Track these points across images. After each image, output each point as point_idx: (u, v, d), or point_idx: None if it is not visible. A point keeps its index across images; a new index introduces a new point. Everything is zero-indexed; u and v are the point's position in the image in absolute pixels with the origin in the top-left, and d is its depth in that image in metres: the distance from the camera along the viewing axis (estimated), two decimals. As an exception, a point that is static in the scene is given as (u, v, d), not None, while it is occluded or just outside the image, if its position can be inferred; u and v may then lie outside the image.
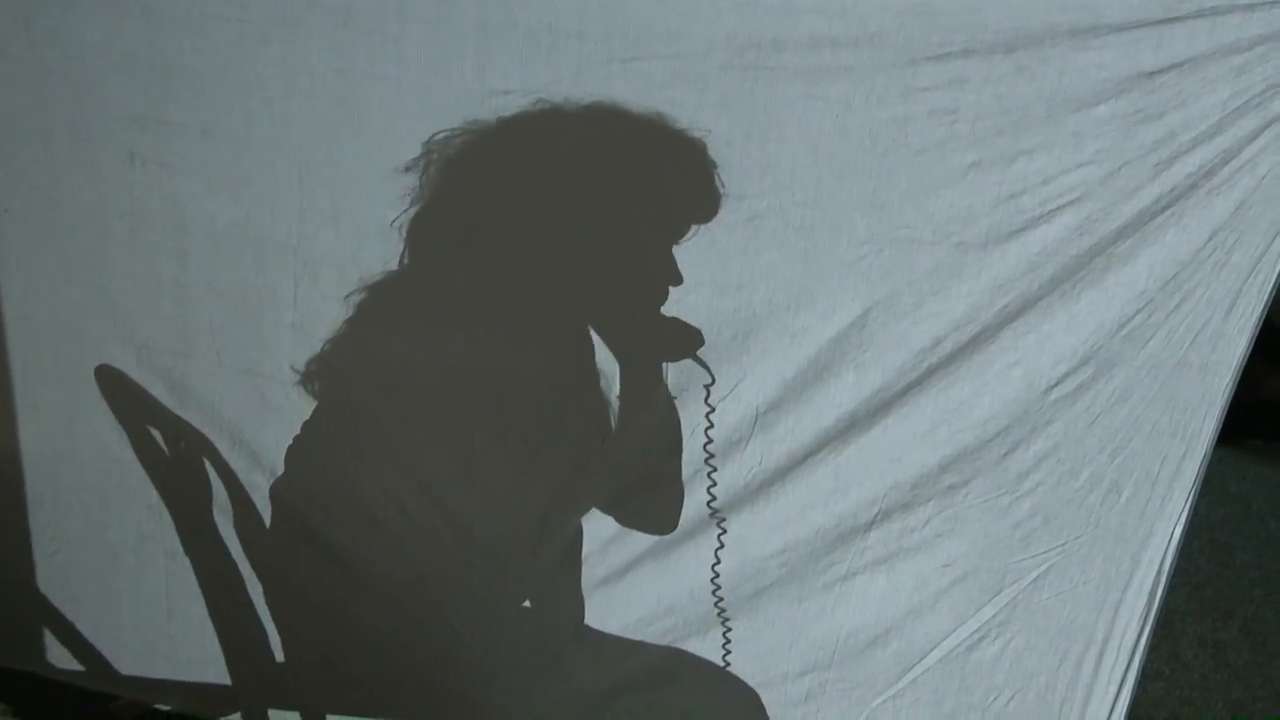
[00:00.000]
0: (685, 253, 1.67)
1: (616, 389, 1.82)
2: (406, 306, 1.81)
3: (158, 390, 1.94)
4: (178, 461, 2.00)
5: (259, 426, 1.93)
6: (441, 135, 1.65)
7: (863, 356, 1.70)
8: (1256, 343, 1.64)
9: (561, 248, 1.73)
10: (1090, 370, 1.67)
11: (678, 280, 1.70)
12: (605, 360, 1.81)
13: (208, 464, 1.98)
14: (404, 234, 1.73)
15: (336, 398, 1.89)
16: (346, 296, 1.79)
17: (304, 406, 1.90)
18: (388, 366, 1.85)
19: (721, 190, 1.62)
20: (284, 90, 1.66)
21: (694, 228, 1.66)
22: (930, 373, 1.70)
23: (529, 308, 1.78)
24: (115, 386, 1.95)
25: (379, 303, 1.80)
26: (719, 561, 1.91)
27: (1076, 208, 1.56)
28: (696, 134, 1.59)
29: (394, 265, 1.76)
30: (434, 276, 1.79)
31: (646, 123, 1.59)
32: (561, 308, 1.79)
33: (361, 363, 1.86)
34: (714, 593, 1.93)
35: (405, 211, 1.71)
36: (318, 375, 1.87)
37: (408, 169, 1.68)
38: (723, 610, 1.96)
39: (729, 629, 1.96)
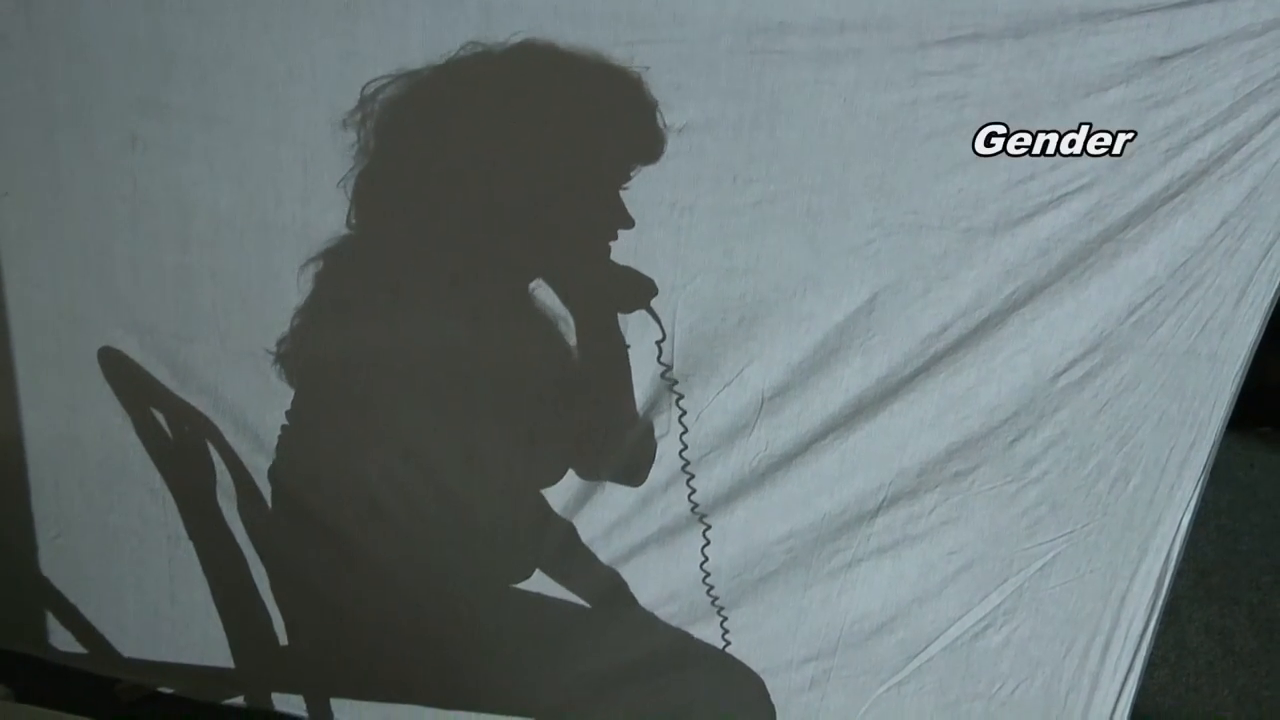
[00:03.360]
0: (691, 238, 1.66)
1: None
2: (364, 274, 1.81)
3: (161, 374, 1.93)
4: (181, 445, 1.99)
5: (262, 410, 1.93)
6: (374, 86, 1.64)
7: (869, 342, 1.69)
8: (1266, 330, 1.62)
9: (506, 197, 1.71)
10: (1099, 358, 1.66)
11: (628, 223, 1.68)
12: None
13: (211, 448, 1.98)
14: (349, 193, 1.72)
15: (315, 379, 1.89)
16: (303, 267, 1.79)
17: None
18: (358, 342, 1.85)
19: (664, 128, 1.60)
20: (287, 75, 1.65)
21: (638, 169, 1.64)
22: (937, 359, 1.69)
23: (484, 267, 1.77)
24: (118, 370, 1.95)
25: (336, 271, 1.79)
26: (708, 543, 1.91)
27: (1086, 194, 1.55)
28: (634, 70, 1.57)
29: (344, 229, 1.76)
30: (383, 235, 1.78)
31: (581, 60, 1.57)
32: (514, 263, 1.78)
33: (332, 339, 1.86)
34: (704, 580, 1.94)
35: (351, 170, 1.71)
36: (291, 356, 1.86)
37: (345, 125, 1.67)
38: (716, 599, 1.95)
39: (725, 618, 1.96)
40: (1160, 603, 1.83)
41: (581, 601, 2.00)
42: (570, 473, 1.90)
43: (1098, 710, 1.93)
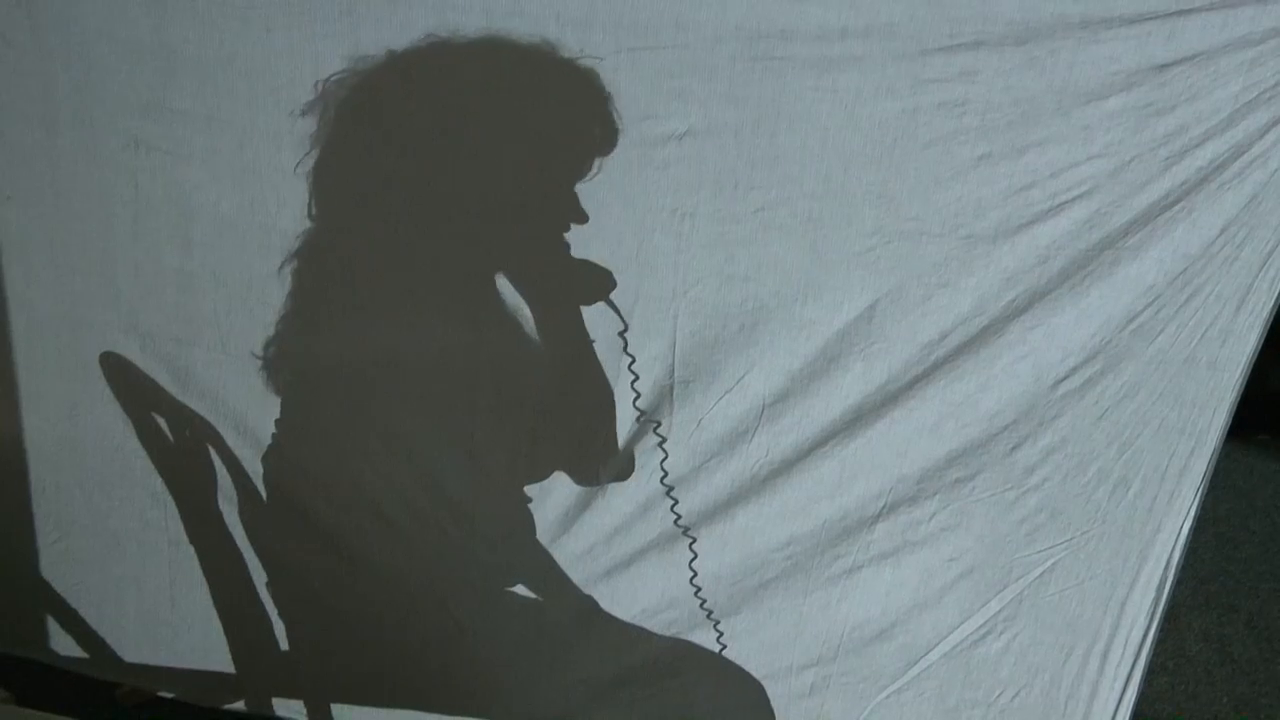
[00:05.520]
0: (692, 244, 1.66)
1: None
2: (337, 273, 1.81)
3: (162, 378, 1.93)
4: (182, 449, 1.99)
5: (263, 414, 1.93)
6: (335, 77, 1.64)
7: (870, 349, 1.69)
8: (1265, 338, 1.63)
9: (464, 189, 1.72)
10: (1099, 365, 1.66)
11: (582, 218, 1.68)
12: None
13: (212, 451, 1.98)
14: (309, 182, 1.73)
15: (304, 383, 1.90)
16: (279, 269, 1.79)
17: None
18: (341, 343, 1.85)
19: (618, 121, 1.60)
20: (289, 78, 1.65)
21: (596, 162, 1.64)
22: (937, 366, 1.69)
23: (449, 263, 1.78)
24: (119, 374, 1.95)
25: (311, 272, 1.80)
26: (695, 556, 1.92)
27: (1086, 201, 1.55)
28: (587, 62, 1.57)
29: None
30: (348, 230, 1.78)
31: (536, 52, 1.57)
32: (477, 258, 1.78)
33: (316, 341, 1.86)
34: (696, 593, 1.94)
35: (305, 157, 1.71)
36: (278, 360, 1.87)
37: (304, 113, 1.67)
38: (709, 611, 1.96)
39: (718, 624, 1.96)
40: (1160, 610, 1.83)
41: (579, 605, 2.00)
42: (566, 483, 1.91)
43: (1097, 717, 1.92)
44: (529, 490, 1.92)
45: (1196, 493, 1.74)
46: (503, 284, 1.77)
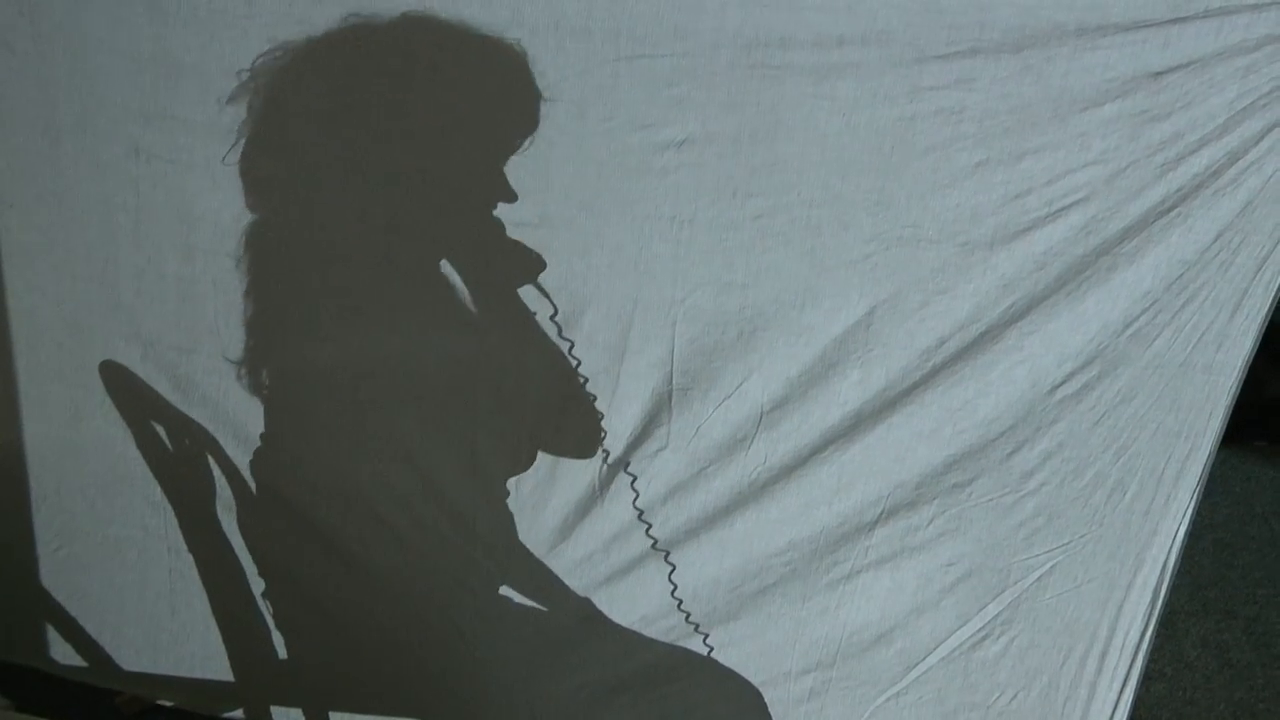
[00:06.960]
0: (691, 251, 1.67)
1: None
2: (295, 270, 1.82)
3: (162, 386, 1.94)
4: (181, 457, 1.99)
5: (262, 422, 1.93)
6: (260, 60, 1.64)
7: (868, 355, 1.70)
8: (1261, 343, 1.63)
9: (392, 174, 1.72)
10: (1095, 370, 1.66)
11: (510, 197, 1.69)
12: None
13: (211, 460, 1.98)
14: (240, 174, 1.73)
15: (293, 389, 1.91)
16: (236, 266, 1.81)
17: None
18: (325, 348, 1.86)
19: (538, 93, 1.61)
20: (291, 87, 1.66)
21: (523, 139, 1.65)
22: (935, 372, 1.69)
23: (393, 249, 1.78)
24: (119, 382, 1.95)
25: (266, 269, 1.80)
26: (670, 559, 1.93)
27: (1082, 207, 1.55)
28: (510, 40, 1.58)
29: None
30: (286, 220, 1.79)
31: (453, 30, 1.58)
32: (417, 244, 1.78)
33: (297, 344, 1.88)
34: (673, 594, 1.95)
35: (233, 148, 1.71)
36: (255, 363, 1.87)
37: (231, 100, 1.67)
38: (692, 619, 1.96)
39: (701, 629, 1.97)
40: (1156, 613, 1.84)
41: (579, 611, 2.01)
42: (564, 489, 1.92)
43: (1095, 718, 1.93)
44: (528, 496, 1.92)
45: (1193, 496, 1.75)
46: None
